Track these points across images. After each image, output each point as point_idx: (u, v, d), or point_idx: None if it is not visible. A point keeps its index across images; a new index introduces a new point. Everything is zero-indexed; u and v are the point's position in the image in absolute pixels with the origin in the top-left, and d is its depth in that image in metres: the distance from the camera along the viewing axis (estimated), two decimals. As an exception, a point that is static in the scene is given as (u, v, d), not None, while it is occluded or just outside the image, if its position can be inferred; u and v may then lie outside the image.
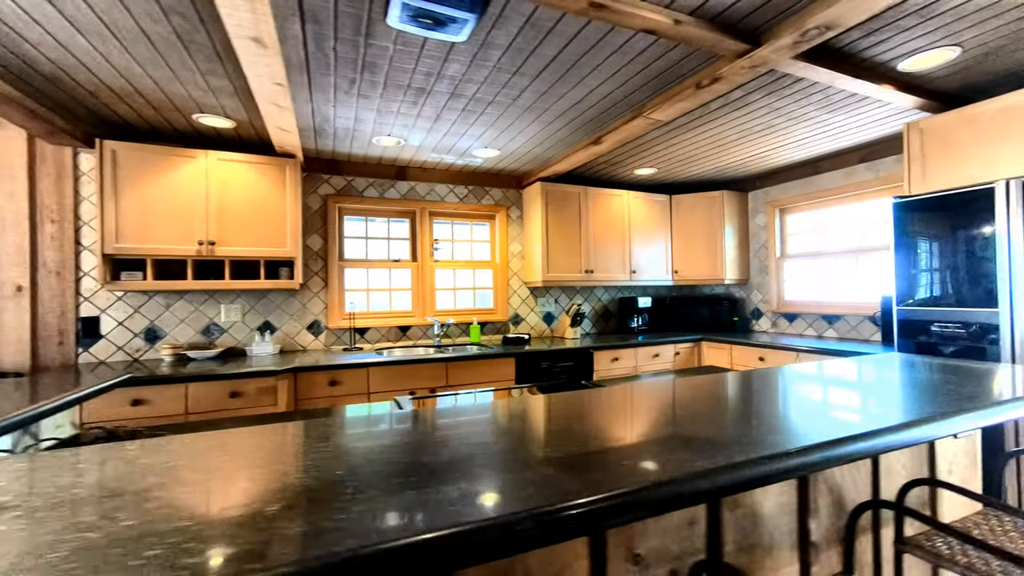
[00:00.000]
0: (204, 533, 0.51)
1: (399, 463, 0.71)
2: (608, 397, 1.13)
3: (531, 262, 3.71)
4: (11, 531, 0.52)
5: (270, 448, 0.80)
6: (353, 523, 0.52)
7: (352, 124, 2.52)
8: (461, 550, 0.50)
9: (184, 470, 0.70)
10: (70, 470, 0.71)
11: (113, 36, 1.64)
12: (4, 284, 2.46)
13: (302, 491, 0.61)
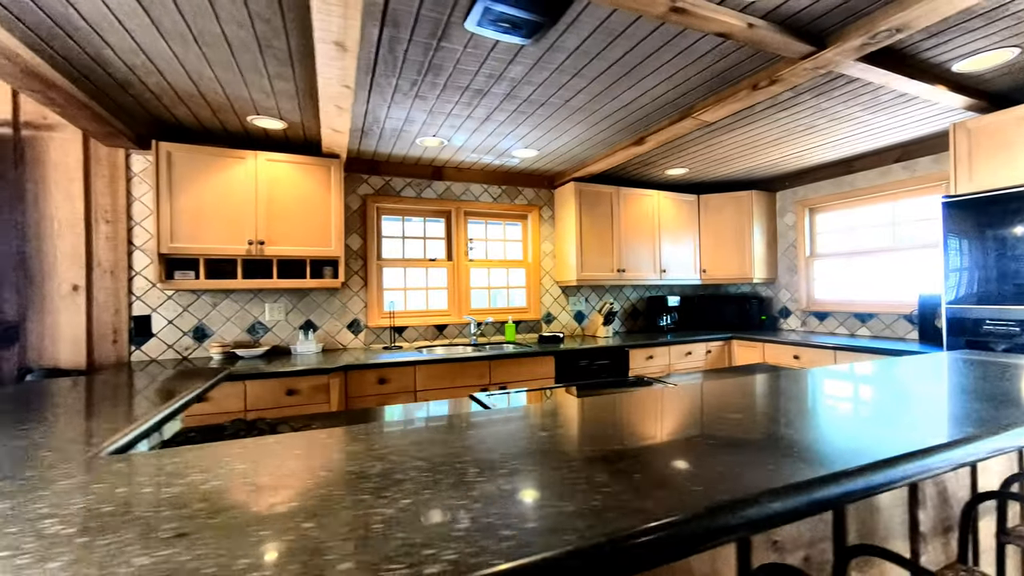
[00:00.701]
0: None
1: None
2: (692, 397, 1.16)
3: (563, 261, 3.74)
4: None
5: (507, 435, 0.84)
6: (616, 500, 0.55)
7: (401, 125, 2.55)
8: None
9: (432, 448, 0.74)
10: (310, 448, 0.75)
11: (195, 41, 1.67)
12: (61, 283, 2.50)
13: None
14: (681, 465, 0.69)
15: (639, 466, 0.69)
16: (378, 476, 0.67)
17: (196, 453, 0.80)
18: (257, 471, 0.71)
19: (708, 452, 0.75)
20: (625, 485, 0.63)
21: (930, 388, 1.20)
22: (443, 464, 0.72)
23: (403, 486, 0.63)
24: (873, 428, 0.85)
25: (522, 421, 0.96)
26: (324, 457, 0.77)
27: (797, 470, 0.67)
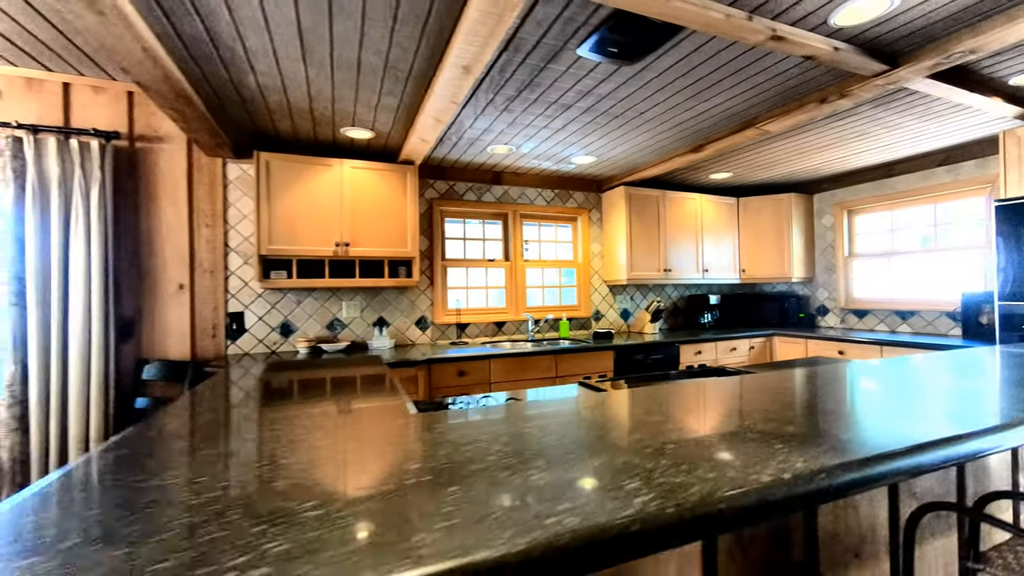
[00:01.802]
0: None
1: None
2: (798, 381, 1.34)
3: (612, 261, 3.92)
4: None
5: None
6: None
7: (479, 134, 2.75)
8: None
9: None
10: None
11: (330, 66, 1.87)
12: (170, 282, 2.72)
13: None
14: (841, 426, 0.87)
15: (811, 428, 0.87)
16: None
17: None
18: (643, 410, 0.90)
19: (852, 417, 0.92)
20: (806, 441, 0.81)
21: (1009, 374, 1.36)
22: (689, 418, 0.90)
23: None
24: (976, 403, 1.02)
25: (693, 395, 1.14)
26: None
27: (932, 431, 0.84)
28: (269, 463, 0.78)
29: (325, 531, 0.54)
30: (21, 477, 2.31)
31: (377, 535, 0.52)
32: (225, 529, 0.55)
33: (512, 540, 0.50)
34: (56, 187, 2.38)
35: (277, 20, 1.56)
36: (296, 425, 1.05)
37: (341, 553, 0.49)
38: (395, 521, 0.56)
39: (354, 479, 0.71)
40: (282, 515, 0.58)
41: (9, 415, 2.28)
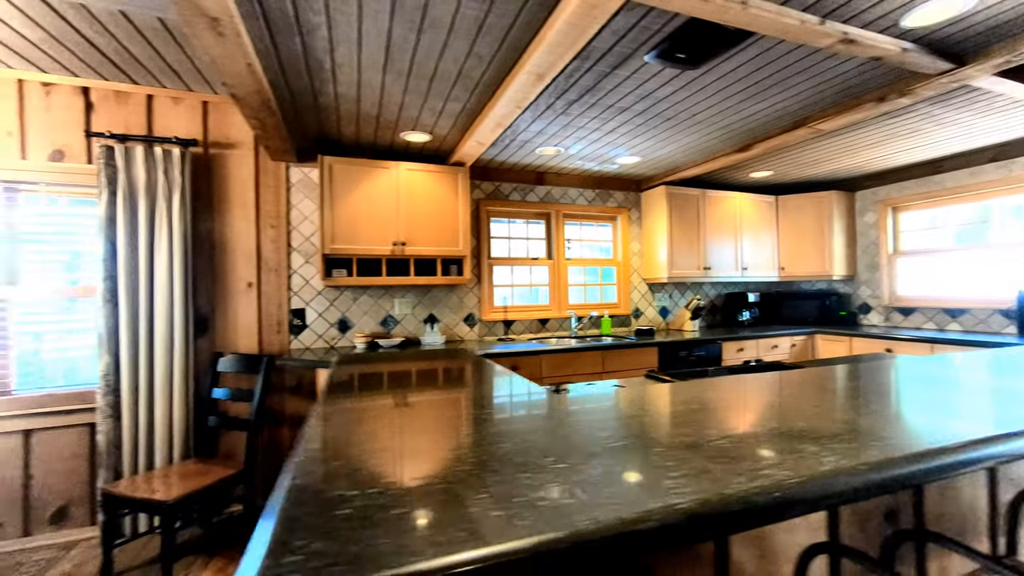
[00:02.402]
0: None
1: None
2: (863, 374, 1.39)
3: (651, 260, 3.97)
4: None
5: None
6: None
7: (532, 136, 2.83)
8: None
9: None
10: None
11: (407, 75, 1.98)
12: (239, 281, 2.88)
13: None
14: (936, 411, 0.93)
15: (911, 412, 0.93)
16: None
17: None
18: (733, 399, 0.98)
19: (942, 404, 0.98)
20: (915, 424, 0.87)
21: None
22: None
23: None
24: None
25: (774, 385, 1.21)
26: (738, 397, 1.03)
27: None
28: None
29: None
30: (114, 459, 2.49)
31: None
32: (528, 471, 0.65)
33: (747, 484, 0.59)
34: (143, 192, 2.56)
35: (370, 34, 1.68)
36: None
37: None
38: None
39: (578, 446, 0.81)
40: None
41: (105, 403, 2.46)
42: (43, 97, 2.51)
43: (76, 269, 2.60)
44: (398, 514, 0.59)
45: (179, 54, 2.25)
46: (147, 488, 2.14)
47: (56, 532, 2.48)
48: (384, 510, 0.61)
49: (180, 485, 2.15)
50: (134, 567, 2.24)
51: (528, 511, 0.58)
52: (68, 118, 2.55)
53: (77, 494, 2.52)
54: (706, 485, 0.63)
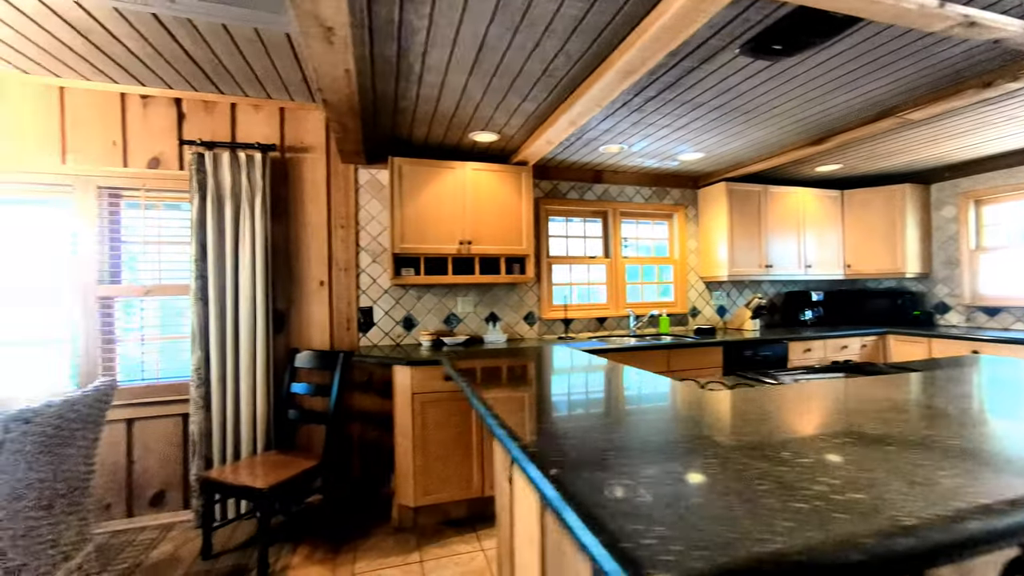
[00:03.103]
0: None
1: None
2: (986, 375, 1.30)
3: (709, 258, 3.88)
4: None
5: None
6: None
7: (599, 134, 2.82)
8: None
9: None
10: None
11: (492, 75, 2.01)
12: (312, 279, 3.00)
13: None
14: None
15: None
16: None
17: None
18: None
19: None
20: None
21: None
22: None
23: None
24: None
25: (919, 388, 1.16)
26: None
27: None
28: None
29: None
30: (205, 448, 2.64)
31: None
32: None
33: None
34: (229, 196, 2.69)
35: (466, 36, 1.71)
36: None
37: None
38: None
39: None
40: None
41: (197, 394, 2.61)
42: (141, 109, 2.68)
43: (168, 269, 2.77)
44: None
45: (267, 63, 2.36)
46: (241, 476, 2.26)
47: (156, 514, 2.65)
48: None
49: (271, 474, 2.26)
50: (228, 550, 2.37)
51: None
52: (163, 128, 2.72)
53: (172, 479, 2.69)
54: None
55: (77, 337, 2.57)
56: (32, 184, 2.53)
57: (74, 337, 2.57)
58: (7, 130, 2.49)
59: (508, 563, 1.43)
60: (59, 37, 2.09)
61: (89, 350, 2.58)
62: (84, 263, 2.58)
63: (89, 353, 2.58)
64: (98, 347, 2.60)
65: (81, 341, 2.57)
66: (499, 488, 1.50)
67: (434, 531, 2.50)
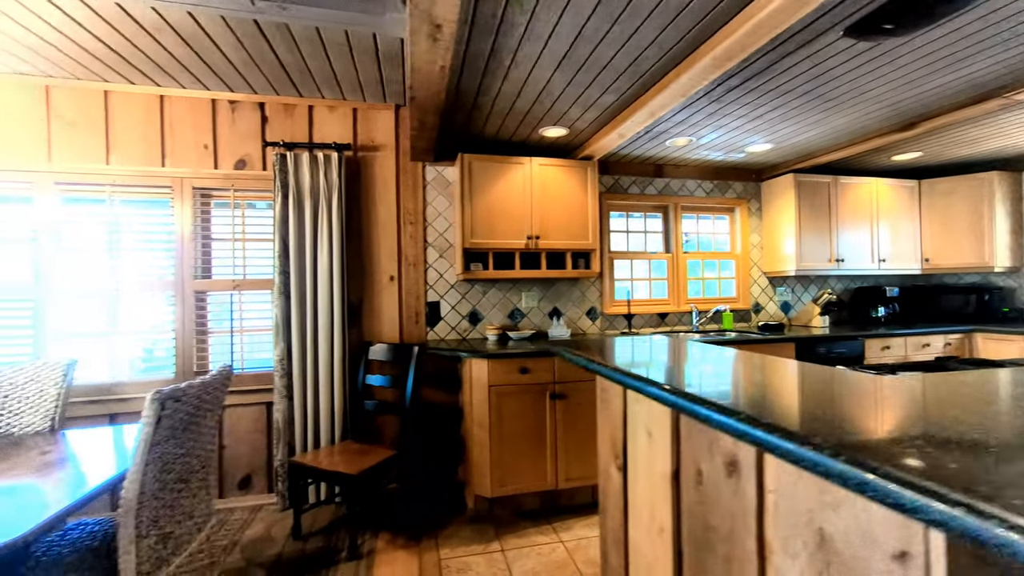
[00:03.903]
0: None
1: None
2: None
3: (774, 252, 3.76)
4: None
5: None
6: None
7: (670, 127, 2.78)
8: None
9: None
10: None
11: (578, 68, 2.02)
12: (383, 274, 3.09)
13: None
14: None
15: None
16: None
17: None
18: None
19: None
20: None
21: None
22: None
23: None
24: None
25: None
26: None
27: None
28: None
29: None
30: (288, 435, 2.76)
31: None
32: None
33: None
34: (308, 195, 2.81)
35: (562, 30, 1.72)
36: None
37: None
38: None
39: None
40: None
41: (281, 384, 2.74)
42: (230, 113, 2.84)
43: (251, 265, 2.91)
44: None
45: (349, 65, 2.44)
46: (329, 462, 2.36)
47: (243, 497, 2.80)
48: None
49: (356, 462, 2.34)
50: (315, 532, 2.48)
51: None
52: (248, 131, 2.86)
53: (258, 464, 2.83)
54: None
55: (175, 328, 2.74)
56: (141, 187, 2.71)
57: (174, 328, 2.75)
58: (120, 137, 2.69)
59: (618, 552, 1.43)
60: (169, 48, 2.24)
61: (186, 340, 2.75)
62: (182, 259, 2.76)
63: (186, 343, 2.75)
64: (193, 337, 2.76)
65: (179, 331, 2.74)
66: (607, 476, 1.51)
67: (509, 522, 2.53)
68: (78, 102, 2.63)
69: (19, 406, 1.98)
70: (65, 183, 2.60)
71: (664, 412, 1.18)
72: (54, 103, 2.60)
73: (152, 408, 1.32)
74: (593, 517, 2.57)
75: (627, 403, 1.39)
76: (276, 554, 2.27)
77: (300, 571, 2.12)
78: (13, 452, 1.63)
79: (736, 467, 0.91)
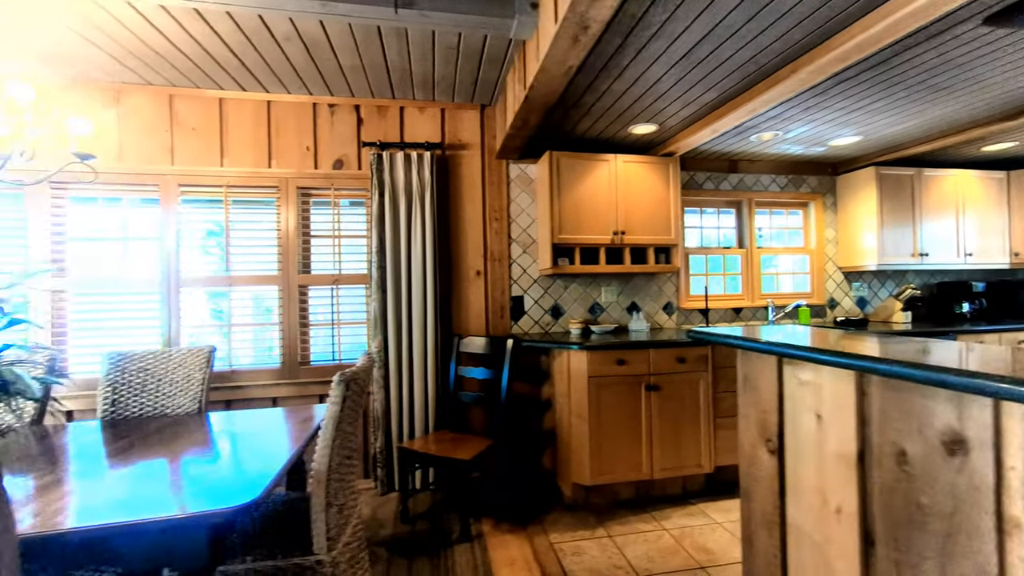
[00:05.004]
0: None
1: None
2: None
3: (851, 247, 3.70)
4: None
5: None
6: None
7: (761, 121, 2.78)
8: None
9: None
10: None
11: (695, 65, 2.05)
12: (469, 269, 3.19)
13: None
14: None
15: None
16: None
17: None
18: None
19: None
20: None
21: None
22: None
23: None
24: None
25: None
26: None
27: None
28: None
29: None
30: (386, 424, 2.89)
31: None
32: None
33: None
34: (402, 193, 2.93)
35: (695, 27, 1.77)
36: None
37: None
38: None
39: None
40: None
41: (378, 375, 2.86)
42: (329, 116, 2.98)
43: (346, 261, 3.05)
44: None
45: (450, 68, 2.55)
46: (439, 448, 2.46)
47: (346, 481, 2.94)
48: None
49: (463, 448, 2.44)
50: (419, 515, 2.59)
51: None
52: (345, 132, 3.00)
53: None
54: None
55: (280, 320, 2.90)
56: (251, 187, 2.88)
57: (279, 320, 2.91)
58: (232, 141, 2.86)
59: (771, 534, 1.47)
60: (290, 56, 2.38)
61: (291, 332, 2.90)
62: (288, 255, 2.91)
63: (291, 334, 2.90)
64: (297, 330, 2.92)
65: (284, 324, 2.90)
66: (752, 460, 1.55)
67: (607, 510, 2.59)
68: (197, 109, 2.81)
69: (171, 389, 2.15)
70: (186, 185, 2.79)
71: (845, 395, 1.21)
72: (176, 110, 2.79)
73: (339, 389, 1.43)
74: (688, 507, 2.60)
75: (783, 387, 1.43)
76: (390, 535, 2.39)
77: (419, 551, 2.23)
78: (185, 431, 1.78)
79: (962, 445, 0.94)
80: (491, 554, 2.19)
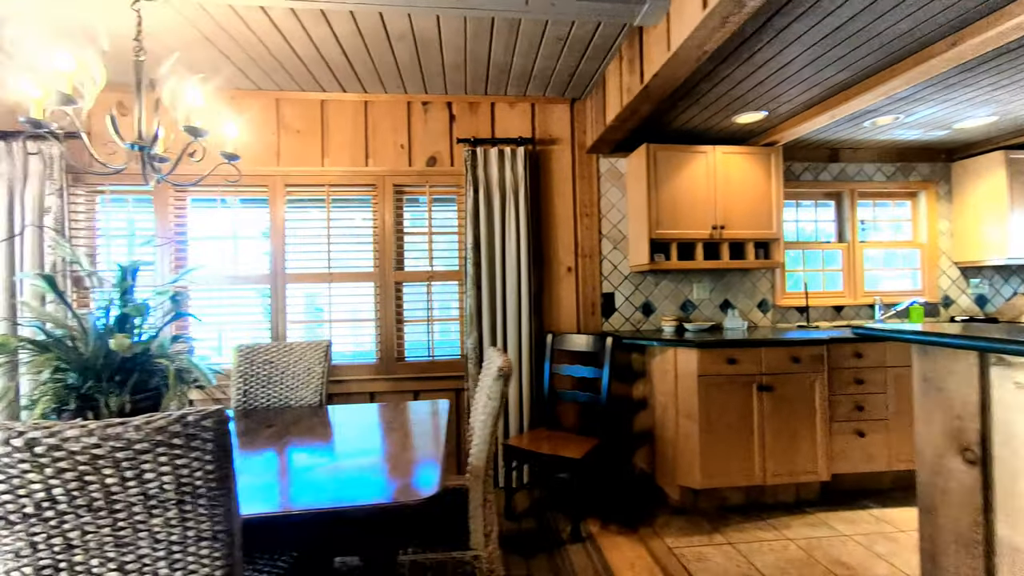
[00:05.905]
0: None
1: None
2: None
3: (971, 240, 3.40)
4: None
5: None
6: None
7: (883, 104, 2.59)
8: None
9: None
10: None
11: (838, 43, 1.92)
12: (560, 265, 3.14)
13: None
14: None
15: None
16: None
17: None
18: None
19: None
20: None
21: None
22: None
23: None
24: None
25: None
26: None
27: None
28: None
29: None
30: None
31: None
32: None
33: None
34: (496, 189, 2.91)
35: (849, 23, 1.64)
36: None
37: None
38: None
39: None
40: None
41: (475, 372, 2.86)
42: (423, 114, 3.01)
43: (437, 257, 3.07)
44: None
45: (552, 62, 2.51)
46: (549, 446, 2.42)
47: (442, 476, 2.96)
48: None
49: (571, 447, 2.40)
50: (523, 512, 2.57)
51: None
52: (438, 129, 3.02)
53: (449, 447, 2.99)
54: None
55: (376, 316, 2.95)
56: (350, 186, 2.95)
57: (376, 316, 2.96)
58: (332, 142, 2.94)
59: (970, 555, 1.34)
60: (397, 54, 2.40)
61: (387, 327, 2.95)
62: (384, 252, 2.96)
63: (387, 330, 2.95)
64: (393, 325, 2.96)
65: (381, 320, 2.95)
66: (939, 471, 1.42)
67: (717, 515, 2.48)
68: (300, 111, 2.90)
69: (293, 382, 2.22)
70: (292, 184, 2.89)
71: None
72: (282, 113, 2.89)
73: (499, 384, 1.41)
74: (805, 516, 2.45)
75: (990, 390, 1.29)
76: (498, 532, 2.37)
77: (533, 549, 2.20)
78: (320, 422, 1.82)
79: None
80: (608, 555, 2.14)
